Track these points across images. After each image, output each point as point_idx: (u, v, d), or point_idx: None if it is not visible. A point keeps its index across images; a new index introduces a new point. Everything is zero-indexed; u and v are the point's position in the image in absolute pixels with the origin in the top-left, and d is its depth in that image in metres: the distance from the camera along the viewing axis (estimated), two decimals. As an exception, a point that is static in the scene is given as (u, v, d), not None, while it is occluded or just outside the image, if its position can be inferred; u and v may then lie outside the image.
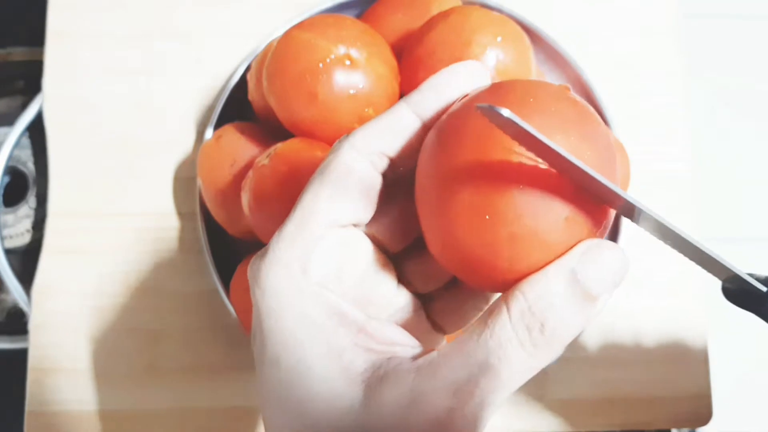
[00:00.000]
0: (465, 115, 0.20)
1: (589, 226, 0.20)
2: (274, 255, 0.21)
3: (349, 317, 0.21)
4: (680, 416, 0.46)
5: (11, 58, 0.54)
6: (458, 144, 0.19)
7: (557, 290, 0.19)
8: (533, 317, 0.19)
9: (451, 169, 0.20)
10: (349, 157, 0.21)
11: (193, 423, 0.45)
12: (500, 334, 0.19)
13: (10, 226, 0.49)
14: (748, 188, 0.55)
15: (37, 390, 0.44)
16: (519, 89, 0.20)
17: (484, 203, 0.19)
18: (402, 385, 0.20)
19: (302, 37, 0.35)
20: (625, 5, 0.51)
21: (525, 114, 0.18)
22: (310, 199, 0.21)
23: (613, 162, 0.21)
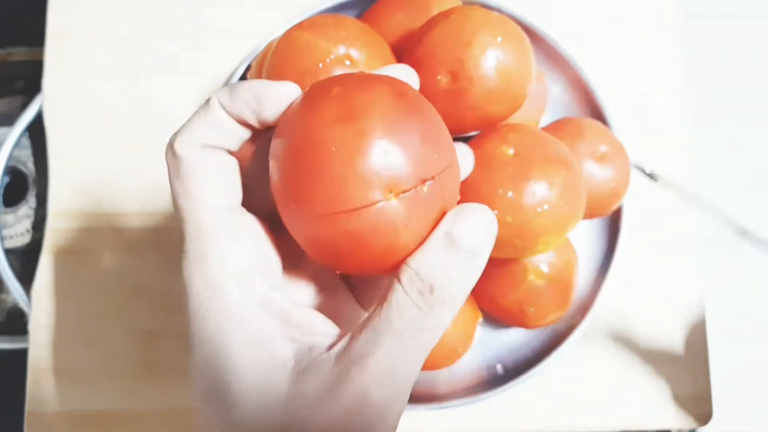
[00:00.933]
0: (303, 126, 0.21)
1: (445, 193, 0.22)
2: (187, 256, 0.22)
3: (276, 305, 0.22)
4: (681, 416, 0.46)
5: (11, 58, 0.54)
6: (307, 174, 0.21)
7: (438, 253, 0.21)
8: (422, 282, 0.21)
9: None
10: (189, 152, 0.23)
11: (190, 424, 0.45)
12: (398, 303, 0.21)
13: (10, 226, 0.49)
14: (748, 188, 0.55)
15: (37, 390, 0.44)
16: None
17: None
18: (322, 374, 0.21)
19: (302, 37, 0.35)
20: (625, 5, 0.51)
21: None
22: (183, 198, 0.22)
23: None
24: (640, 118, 0.49)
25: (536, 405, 0.46)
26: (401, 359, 0.21)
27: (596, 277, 0.46)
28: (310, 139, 0.21)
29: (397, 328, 0.20)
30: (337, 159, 0.20)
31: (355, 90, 0.21)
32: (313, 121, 0.21)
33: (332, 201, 0.20)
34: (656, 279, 0.48)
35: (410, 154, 0.21)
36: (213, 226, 0.22)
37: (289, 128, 0.22)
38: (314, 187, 0.20)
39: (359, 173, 0.20)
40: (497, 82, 0.35)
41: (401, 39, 0.40)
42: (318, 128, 0.21)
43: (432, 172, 0.21)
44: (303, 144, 0.21)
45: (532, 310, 0.41)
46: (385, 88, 0.22)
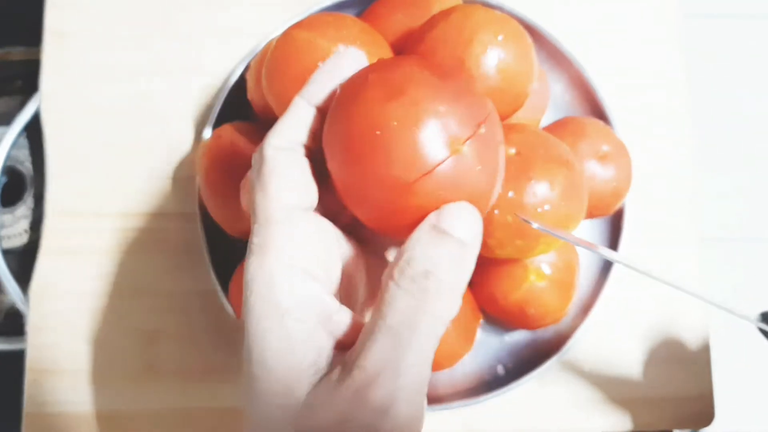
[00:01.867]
0: (348, 99, 0.23)
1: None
2: (251, 249, 0.23)
3: (321, 309, 0.22)
4: (682, 417, 0.46)
5: (9, 58, 0.53)
6: (349, 120, 0.23)
7: (427, 243, 0.21)
8: (413, 269, 0.21)
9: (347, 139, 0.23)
10: (273, 152, 0.24)
11: (192, 423, 0.44)
12: (390, 296, 0.21)
13: (7, 226, 0.49)
14: (748, 188, 0.55)
15: (35, 391, 0.44)
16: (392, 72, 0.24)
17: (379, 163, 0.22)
18: (331, 373, 0.22)
19: (301, 36, 0.35)
20: (626, 5, 0.51)
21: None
22: (260, 196, 0.23)
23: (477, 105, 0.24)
24: (641, 118, 0.49)
25: (537, 406, 0.46)
26: (400, 355, 0.20)
27: (597, 277, 0.46)
28: (369, 121, 0.22)
29: (392, 322, 0.21)
30: (402, 131, 0.22)
31: (390, 71, 0.24)
32: (366, 105, 0.23)
33: (410, 169, 0.22)
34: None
35: (460, 106, 0.23)
36: (278, 220, 0.23)
37: (343, 117, 0.23)
38: (388, 162, 0.22)
39: (426, 136, 0.22)
40: (498, 81, 0.35)
41: (401, 38, 0.40)
42: (373, 110, 0.22)
43: (482, 116, 0.23)
44: (364, 127, 0.22)
45: (533, 311, 0.41)
46: (413, 62, 0.24)
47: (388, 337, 0.21)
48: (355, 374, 0.21)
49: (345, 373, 0.21)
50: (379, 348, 0.21)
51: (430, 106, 0.22)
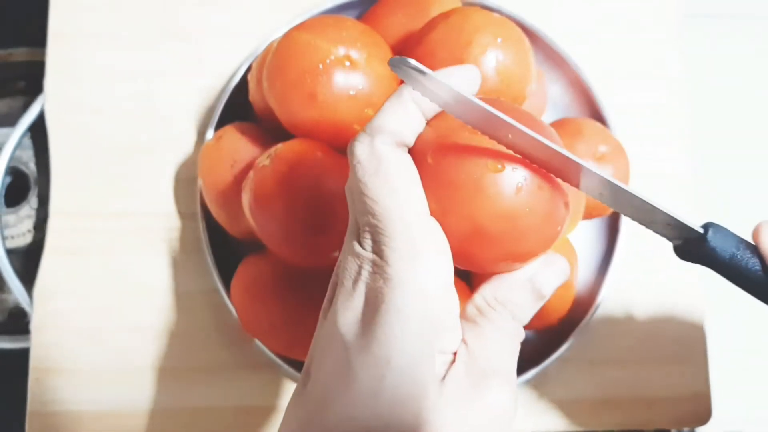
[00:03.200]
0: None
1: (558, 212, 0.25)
2: (398, 255, 0.22)
3: (453, 319, 0.24)
4: (680, 416, 0.46)
5: (13, 59, 0.54)
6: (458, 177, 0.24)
7: (519, 293, 0.26)
8: (508, 310, 0.26)
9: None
10: (391, 151, 0.23)
11: (192, 423, 0.45)
12: (496, 320, 0.26)
13: (11, 226, 0.49)
14: (748, 188, 0.55)
15: (39, 390, 0.44)
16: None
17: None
18: (458, 378, 0.24)
19: (302, 38, 0.35)
20: (625, 5, 0.51)
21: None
22: (389, 198, 0.23)
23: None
24: (640, 118, 0.49)
25: (536, 405, 0.46)
26: (513, 366, 0.25)
27: (596, 276, 0.46)
28: (493, 212, 0.24)
29: (505, 341, 0.25)
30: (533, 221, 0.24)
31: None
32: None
33: (546, 240, 0.26)
34: (656, 279, 0.48)
35: (559, 161, 0.24)
36: (421, 229, 0.23)
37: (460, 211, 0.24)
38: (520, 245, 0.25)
39: (556, 205, 0.25)
40: (497, 83, 0.35)
41: (401, 40, 0.40)
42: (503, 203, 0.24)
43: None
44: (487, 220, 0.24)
45: (531, 310, 0.41)
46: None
47: (506, 352, 0.25)
48: (491, 383, 0.24)
49: (474, 390, 0.23)
50: (503, 360, 0.25)
51: (545, 183, 0.24)
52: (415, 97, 0.24)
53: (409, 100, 0.24)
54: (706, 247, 0.26)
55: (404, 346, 0.22)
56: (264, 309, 0.39)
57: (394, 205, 0.22)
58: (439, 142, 0.24)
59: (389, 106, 0.24)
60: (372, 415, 0.22)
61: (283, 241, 0.35)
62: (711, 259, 0.26)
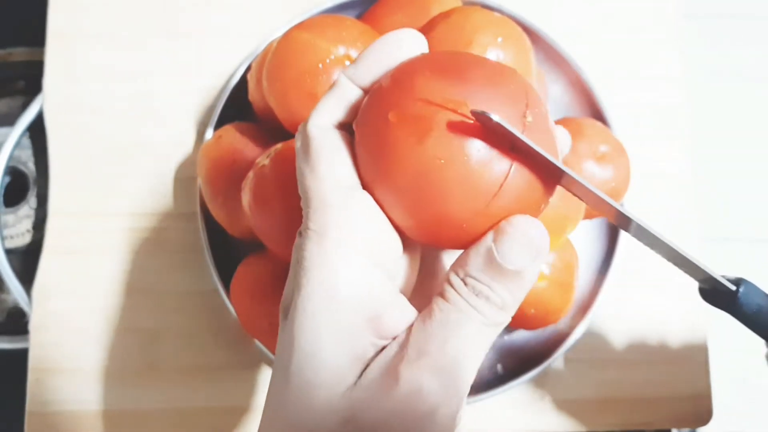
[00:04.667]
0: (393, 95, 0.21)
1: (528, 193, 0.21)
2: (308, 233, 0.22)
3: (378, 300, 0.22)
4: (680, 416, 0.46)
5: (12, 59, 0.54)
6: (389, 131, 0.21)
7: (481, 267, 0.21)
8: (469, 289, 0.21)
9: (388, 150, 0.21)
10: (318, 131, 0.23)
11: (193, 423, 0.45)
12: (452, 301, 0.21)
13: (10, 226, 0.49)
14: (748, 188, 0.55)
15: (38, 390, 0.44)
16: (448, 61, 0.22)
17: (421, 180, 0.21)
18: (383, 364, 0.21)
19: (302, 37, 0.35)
20: (625, 5, 0.51)
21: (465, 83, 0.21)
22: (310, 178, 0.22)
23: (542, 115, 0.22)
24: (640, 119, 0.49)
25: (536, 405, 0.46)
26: (457, 352, 0.21)
27: (596, 277, 0.46)
28: (411, 166, 0.21)
29: (453, 323, 0.21)
30: (451, 167, 0.20)
31: (407, 99, 0.21)
32: (402, 150, 0.21)
33: (474, 201, 0.20)
34: (656, 279, 0.48)
35: (497, 105, 0.20)
36: (335, 204, 0.22)
37: (381, 161, 0.22)
38: (448, 202, 0.21)
39: (479, 161, 0.20)
40: (497, 83, 0.35)
41: (401, 39, 0.40)
42: (412, 154, 0.21)
43: (521, 102, 0.21)
44: (409, 173, 0.21)
45: (532, 311, 0.41)
46: (429, 76, 0.21)
47: (449, 337, 0.21)
48: (412, 367, 0.21)
49: (399, 364, 0.21)
50: (438, 345, 0.21)
51: (467, 128, 0.20)
52: (350, 74, 0.23)
53: (344, 80, 0.23)
54: (735, 302, 0.28)
55: (311, 327, 0.21)
56: (264, 309, 0.39)
57: (313, 184, 0.22)
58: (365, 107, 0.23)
59: (326, 93, 0.24)
60: (291, 400, 0.22)
61: (282, 241, 0.35)
62: (737, 310, 0.28)
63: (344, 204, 0.22)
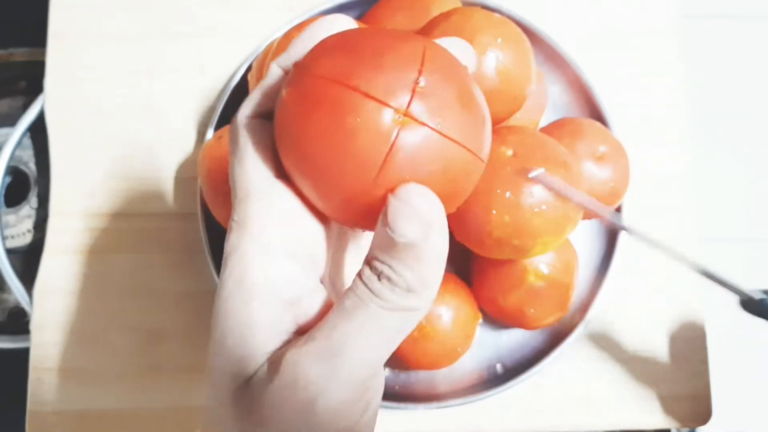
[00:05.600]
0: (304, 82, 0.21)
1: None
2: (231, 225, 0.22)
3: (292, 290, 0.21)
4: (680, 415, 0.46)
5: (13, 59, 0.54)
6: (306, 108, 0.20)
7: (379, 247, 0.20)
8: (373, 271, 0.20)
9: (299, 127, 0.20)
10: (246, 122, 0.23)
11: (193, 423, 0.45)
12: (354, 286, 0.20)
13: (11, 226, 0.49)
14: (748, 188, 0.55)
15: (39, 389, 0.44)
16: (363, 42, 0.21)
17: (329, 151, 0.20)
18: (283, 357, 0.20)
19: (302, 38, 0.35)
20: (625, 6, 0.51)
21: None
22: (237, 170, 0.22)
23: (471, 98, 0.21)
24: (640, 119, 0.49)
25: (536, 404, 0.46)
26: (347, 338, 0.20)
27: (596, 276, 0.46)
28: (304, 136, 0.20)
29: (350, 309, 0.20)
30: (338, 134, 0.19)
31: (299, 77, 0.21)
32: (293, 120, 0.21)
33: (364, 168, 0.19)
34: (656, 279, 0.48)
35: (383, 71, 0.20)
36: (256, 195, 0.22)
37: (283, 132, 0.22)
38: (341, 170, 0.20)
39: (365, 127, 0.19)
40: (497, 83, 0.35)
41: (401, 40, 0.40)
42: (303, 125, 0.20)
43: (414, 67, 0.20)
44: (306, 143, 0.20)
45: (532, 311, 0.41)
46: (322, 50, 0.21)
47: (339, 320, 0.20)
48: (294, 349, 0.20)
49: (274, 364, 0.20)
50: (328, 328, 0.20)
51: (345, 96, 0.19)
52: (279, 62, 0.23)
53: (274, 68, 0.23)
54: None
55: (225, 314, 0.21)
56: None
57: (239, 175, 0.22)
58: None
59: (259, 83, 0.23)
60: (208, 387, 0.22)
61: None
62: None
63: (264, 194, 0.22)
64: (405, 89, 0.19)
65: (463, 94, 0.20)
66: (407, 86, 0.19)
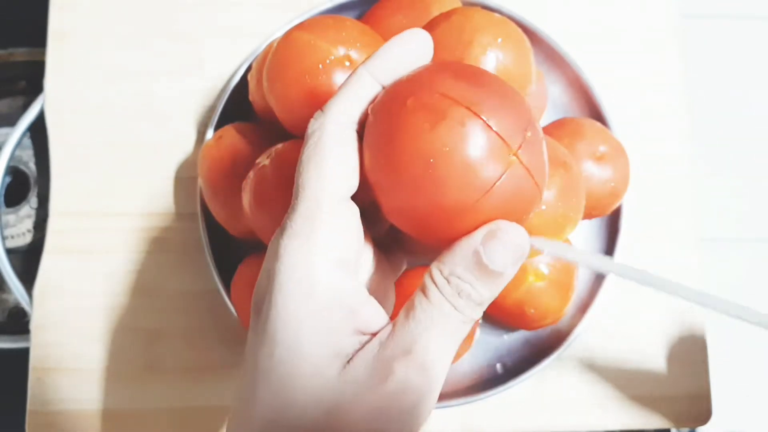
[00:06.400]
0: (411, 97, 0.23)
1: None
2: (293, 230, 0.22)
3: (354, 298, 0.23)
4: (680, 415, 0.46)
5: (13, 59, 0.54)
6: (402, 125, 0.22)
7: (466, 266, 0.23)
8: (452, 287, 0.22)
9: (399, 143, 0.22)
10: (335, 129, 0.23)
11: (193, 423, 0.45)
12: (434, 302, 0.22)
13: (11, 226, 0.49)
14: (748, 188, 0.55)
15: (39, 389, 0.44)
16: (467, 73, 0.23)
17: (425, 172, 0.22)
18: (367, 360, 0.22)
19: (302, 38, 0.35)
20: (625, 5, 0.51)
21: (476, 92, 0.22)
22: (314, 176, 0.23)
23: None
24: (640, 119, 0.49)
25: (536, 404, 0.46)
26: (437, 350, 0.22)
27: (595, 276, 0.46)
28: (418, 150, 0.22)
29: (434, 322, 0.22)
30: (454, 156, 0.22)
31: (426, 91, 0.23)
32: (411, 134, 0.22)
33: (468, 193, 0.22)
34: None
35: (505, 114, 0.22)
36: (327, 210, 0.22)
37: (387, 143, 0.23)
38: (445, 189, 0.22)
39: (480, 156, 0.22)
40: (497, 83, 0.35)
41: (401, 40, 0.40)
42: (420, 138, 0.22)
43: (525, 118, 0.23)
44: (414, 156, 0.22)
45: (532, 311, 0.41)
46: (447, 75, 0.23)
47: (432, 334, 0.22)
48: (400, 363, 0.22)
49: (386, 360, 0.22)
50: (424, 343, 0.22)
51: (476, 125, 0.22)
52: (375, 74, 0.24)
53: (365, 74, 0.23)
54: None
55: (290, 322, 0.22)
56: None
57: (314, 181, 0.23)
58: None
59: (346, 85, 0.24)
60: (269, 392, 0.22)
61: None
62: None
63: (336, 212, 0.23)
64: (519, 135, 0.22)
65: (543, 154, 0.24)
66: (521, 133, 0.22)
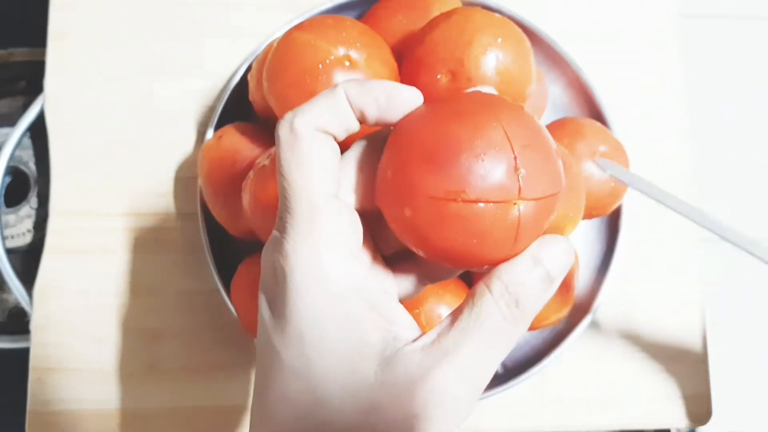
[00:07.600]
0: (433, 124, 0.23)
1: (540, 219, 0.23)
2: (294, 230, 0.23)
3: (369, 290, 0.23)
4: (680, 416, 0.46)
5: (13, 59, 0.54)
6: (425, 155, 0.22)
7: (525, 273, 0.23)
8: (510, 296, 0.23)
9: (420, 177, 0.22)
10: (310, 132, 0.23)
11: (193, 422, 0.45)
12: (487, 309, 0.23)
13: (11, 226, 0.49)
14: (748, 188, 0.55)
15: (39, 389, 0.44)
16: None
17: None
18: (410, 365, 0.22)
19: (302, 38, 0.35)
20: (625, 6, 0.51)
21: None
22: (298, 176, 0.23)
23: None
24: (640, 119, 0.49)
25: (536, 404, 0.46)
26: (483, 359, 0.22)
27: (596, 276, 0.46)
28: (448, 134, 0.22)
29: (484, 331, 0.22)
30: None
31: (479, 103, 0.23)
32: (451, 122, 0.22)
33: (466, 184, 0.22)
34: (656, 279, 0.48)
35: (542, 167, 0.22)
36: (326, 207, 0.23)
37: (419, 125, 0.23)
38: (450, 170, 0.22)
39: (503, 173, 0.22)
40: (497, 83, 0.35)
41: (401, 40, 0.40)
42: (455, 127, 0.22)
43: (553, 189, 0.23)
44: (442, 137, 0.22)
45: (532, 310, 0.41)
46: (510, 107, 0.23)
47: (479, 343, 0.22)
48: (444, 369, 0.22)
49: (429, 366, 0.22)
50: (470, 351, 0.22)
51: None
52: (352, 96, 0.24)
53: (341, 95, 0.24)
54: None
55: (314, 319, 0.22)
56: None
57: (301, 180, 0.23)
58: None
59: (319, 96, 0.24)
60: (303, 390, 0.22)
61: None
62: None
63: (332, 209, 0.23)
64: (513, 183, 0.22)
65: (543, 150, 0.23)
66: (513, 180, 0.22)
